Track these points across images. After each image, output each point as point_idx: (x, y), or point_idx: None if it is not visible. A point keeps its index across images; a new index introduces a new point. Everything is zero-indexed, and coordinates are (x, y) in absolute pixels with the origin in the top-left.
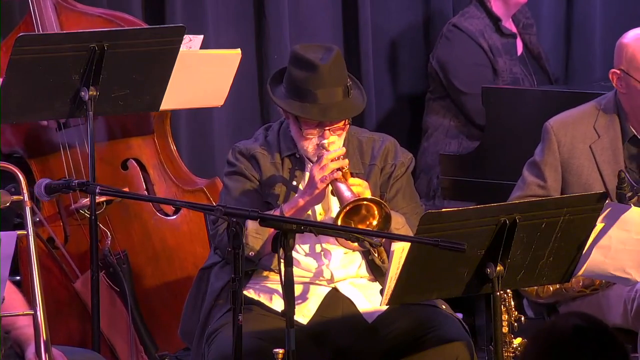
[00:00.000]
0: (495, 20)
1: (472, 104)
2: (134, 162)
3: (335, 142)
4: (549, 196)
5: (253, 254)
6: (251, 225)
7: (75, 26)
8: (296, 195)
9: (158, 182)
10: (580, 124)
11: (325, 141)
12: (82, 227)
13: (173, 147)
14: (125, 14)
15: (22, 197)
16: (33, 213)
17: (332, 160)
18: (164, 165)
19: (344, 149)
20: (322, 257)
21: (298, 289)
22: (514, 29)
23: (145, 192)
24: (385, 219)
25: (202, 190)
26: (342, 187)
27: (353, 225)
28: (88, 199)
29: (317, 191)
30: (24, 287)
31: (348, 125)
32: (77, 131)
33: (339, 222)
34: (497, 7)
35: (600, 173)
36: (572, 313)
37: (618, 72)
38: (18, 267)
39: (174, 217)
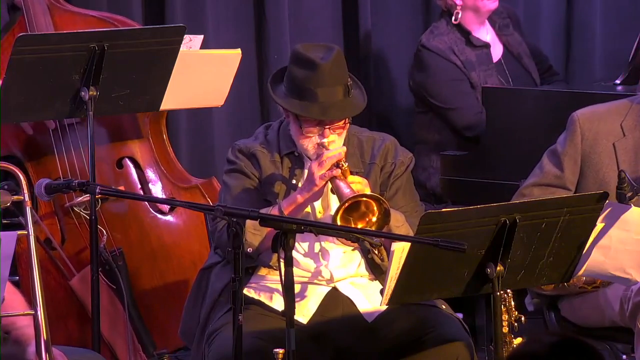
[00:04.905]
0: (465, 33)
1: (459, 117)
2: (128, 160)
3: (335, 141)
4: (564, 187)
5: (252, 250)
6: (249, 221)
7: (69, 27)
8: (295, 192)
9: (153, 180)
10: (608, 120)
11: (325, 140)
12: (78, 226)
13: (169, 147)
14: (120, 16)
15: (22, 197)
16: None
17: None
18: (159, 163)
19: (344, 148)
20: (322, 257)
21: (297, 289)
22: (492, 34)
23: (141, 191)
24: (385, 215)
25: (198, 187)
26: (342, 184)
27: (352, 222)
28: (83, 197)
29: (315, 188)
30: (23, 288)
31: (348, 124)
32: (72, 132)
33: (338, 219)
34: (469, 17)
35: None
36: (545, 333)
37: None
38: (16, 267)
39: (170, 215)
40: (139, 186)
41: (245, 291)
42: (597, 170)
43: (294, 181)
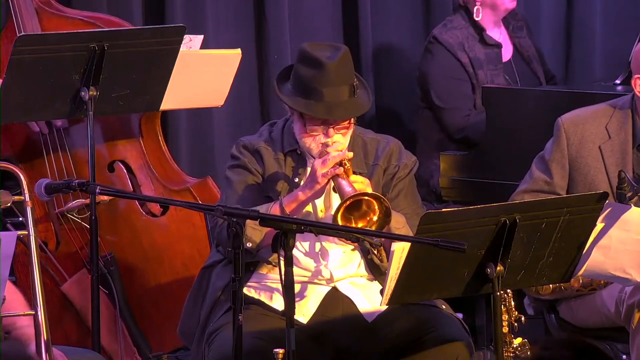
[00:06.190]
0: (480, 30)
1: (449, 118)
2: (120, 164)
3: (339, 141)
4: (554, 192)
5: (251, 245)
6: None
7: (57, 30)
8: (297, 189)
9: (145, 183)
10: (592, 123)
11: (329, 140)
12: (69, 232)
13: (163, 148)
14: (112, 16)
15: (23, 198)
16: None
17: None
18: (151, 166)
19: (351, 154)
20: (321, 257)
21: (297, 288)
22: (504, 35)
23: None
24: (385, 215)
25: (189, 190)
26: (344, 183)
27: (353, 221)
28: (75, 202)
29: (317, 186)
30: (19, 288)
31: (353, 125)
32: (61, 136)
33: (339, 217)
34: (485, 14)
35: (607, 174)
36: (558, 342)
37: None
38: (12, 268)
39: (162, 217)
40: (131, 189)
41: (246, 291)
42: (586, 173)
43: (296, 180)
